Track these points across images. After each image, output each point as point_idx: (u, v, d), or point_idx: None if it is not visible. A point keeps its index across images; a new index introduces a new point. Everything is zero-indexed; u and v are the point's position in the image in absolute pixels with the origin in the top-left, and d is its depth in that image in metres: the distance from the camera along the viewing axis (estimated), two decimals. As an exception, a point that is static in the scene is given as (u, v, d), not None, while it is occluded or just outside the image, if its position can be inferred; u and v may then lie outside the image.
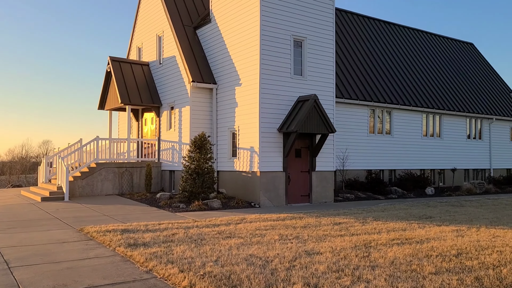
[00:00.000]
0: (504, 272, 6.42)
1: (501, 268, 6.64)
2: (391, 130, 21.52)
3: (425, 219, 11.96)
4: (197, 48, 18.01)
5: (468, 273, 6.37)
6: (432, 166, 23.15)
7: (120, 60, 19.40)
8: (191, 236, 9.12)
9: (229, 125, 16.42)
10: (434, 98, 23.62)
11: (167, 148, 18.47)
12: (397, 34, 26.44)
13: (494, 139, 26.48)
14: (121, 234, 9.20)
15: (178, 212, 13.00)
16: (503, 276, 6.24)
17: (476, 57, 31.00)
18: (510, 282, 5.98)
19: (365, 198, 17.79)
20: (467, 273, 6.35)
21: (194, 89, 17.01)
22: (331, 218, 11.78)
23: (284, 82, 15.46)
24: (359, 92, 20.30)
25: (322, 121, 15.40)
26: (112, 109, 20.37)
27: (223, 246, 8.18)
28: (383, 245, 8.32)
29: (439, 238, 8.99)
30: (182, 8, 19.14)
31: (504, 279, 6.10)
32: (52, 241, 8.80)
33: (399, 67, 23.84)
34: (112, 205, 14.40)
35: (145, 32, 20.80)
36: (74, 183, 16.71)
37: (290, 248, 8.01)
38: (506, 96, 28.99)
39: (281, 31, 15.43)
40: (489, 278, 6.12)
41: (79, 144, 18.51)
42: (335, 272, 6.37)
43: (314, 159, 16.14)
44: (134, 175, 18.06)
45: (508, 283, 5.91)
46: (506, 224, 11.12)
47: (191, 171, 14.67)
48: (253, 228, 10.16)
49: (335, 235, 9.31)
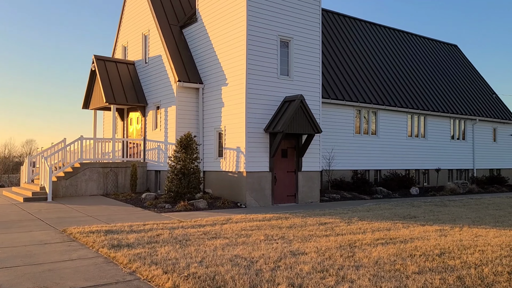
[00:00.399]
0: (486, 271, 6.50)
1: (483, 267, 6.73)
2: (376, 131, 21.70)
3: (409, 218, 12.07)
4: (183, 48, 17.91)
5: (451, 272, 6.45)
6: (416, 166, 23.41)
7: (105, 58, 19.18)
8: (176, 236, 9.06)
9: (216, 125, 16.36)
10: (419, 99, 23.88)
11: (153, 148, 18.33)
12: (382, 35, 26.67)
13: (477, 140, 26.89)
14: (105, 235, 9.09)
15: (163, 213, 12.91)
16: (485, 275, 6.32)
17: (460, 59, 31.45)
18: (491, 281, 6.06)
19: (351, 198, 17.90)
20: (449, 273, 6.42)
21: (180, 89, 16.91)
22: (317, 218, 11.81)
23: (271, 82, 15.46)
24: (345, 92, 20.42)
25: (308, 121, 15.44)
26: (97, 108, 20.13)
27: (208, 246, 8.14)
28: (367, 245, 8.37)
29: (423, 238, 9.08)
30: (168, 7, 19.01)
31: (485, 278, 6.18)
32: (33, 242, 8.65)
33: (384, 68, 24.06)
34: (96, 206, 14.22)
35: (131, 31, 20.60)
36: (57, 183, 16.46)
37: (276, 248, 8.01)
38: (489, 98, 29.47)
39: (268, 31, 15.43)
40: (471, 277, 6.20)
41: (62, 144, 18.26)
42: (320, 272, 6.38)
43: (300, 159, 16.18)
44: (119, 175, 17.88)
45: (489, 282, 5.99)
46: (488, 223, 11.29)
47: (177, 171, 14.58)
48: (239, 228, 10.14)
49: (320, 235, 9.34)
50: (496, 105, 29.23)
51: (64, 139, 18.56)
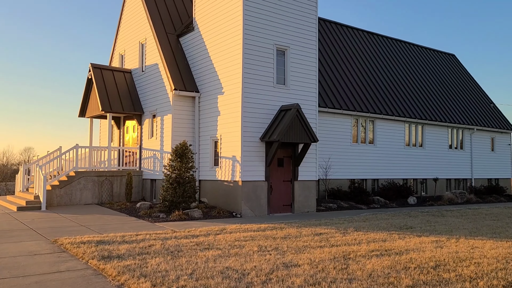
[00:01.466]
0: (481, 284, 6.38)
1: (478, 280, 6.61)
2: (374, 140, 21.62)
3: (405, 229, 11.95)
4: (180, 56, 17.89)
5: (445, 285, 6.32)
6: (414, 176, 23.30)
7: (101, 67, 19.15)
8: (168, 247, 8.92)
9: (211, 133, 16.28)
10: (417, 108, 23.85)
11: (148, 157, 18.22)
12: (380, 44, 26.71)
13: (475, 149, 26.82)
14: (96, 245, 8.95)
15: (157, 222, 12.77)
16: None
17: (458, 68, 31.49)
18: (486, 295, 5.93)
19: (347, 207, 17.77)
20: (443, 286, 6.29)
21: (176, 97, 16.85)
22: (312, 229, 11.68)
23: (267, 91, 15.41)
24: (342, 101, 20.38)
25: (305, 130, 15.36)
26: (93, 116, 20.06)
27: (200, 258, 8.01)
28: (362, 256, 8.24)
29: (418, 250, 8.96)
30: (165, 16, 19.02)
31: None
32: (23, 253, 8.51)
33: (382, 77, 24.05)
34: (90, 215, 14.08)
35: (128, 40, 20.60)
36: (52, 192, 16.33)
37: (268, 260, 7.88)
38: (487, 107, 29.46)
39: (264, 40, 15.42)
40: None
41: (58, 152, 18.14)
42: (312, 286, 6.25)
43: (296, 169, 16.08)
44: (114, 184, 17.75)
45: (484, 296, 5.87)
46: (485, 234, 11.16)
47: (172, 180, 14.46)
48: (233, 239, 10.00)
49: (314, 246, 9.21)
50: (494, 114, 29.21)
51: (60, 147, 18.45)
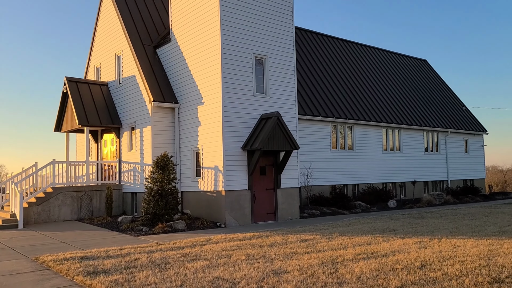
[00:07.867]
0: (467, 282, 6.53)
1: (464, 278, 6.76)
2: (353, 145, 21.93)
3: (389, 232, 12.12)
4: (158, 68, 17.80)
5: (433, 285, 6.44)
6: (393, 180, 23.71)
7: (77, 80, 18.85)
8: (155, 260, 8.80)
9: (193, 144, 16.20)
10: (393, 113, 24.36)
11: (128, 170, 17.96)
12: (355, 52, 27.24)
13: (450, 151, 27.52)
14: (80, 261, 8.75)
15: (141, 236, 12.57)
16: (466, 286, 6.34)
17: (430, 73, 32.38)
18: (473, 291, 6.08)
19: (330, 213, 17.91)
20: (431, 285, 6.41)
21: (156, 109, 16.73)
22: (298, 235, 11.72)
23: (247, 100, 15.48)
24: (321, 108, 20.64)
25: (286, 138, 15.47)
26: (69, 131, 19.68)
27: (189, 269, 7.93)
28: (349, 260, 8.32)
29: (403, 251, 9.10)
30: (141, 27, 18.93)
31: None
32: (3, 272, 8.23)
33: (358, 83, 24.50)
34: (70, 231, 13.75)
35: (103, 52, 20.37)
36: (29, 209, 15.88)
37: (257, 268, 7.86)
38: (459, 110, 30.34)
39: (242, 50, 15.52)
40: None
41: (34, 169, 17.70)
42: (303, 291, 6.27)
43: (279, 176, 16.14)
44: (94, 199, 17.41)
45: (471, 293, 6.01)
46: (465, 233, 11.44)
47: (154, 193, 14.29)
48: (219, 249, 9.94)
49: (302, 253, 9.24)
50: (466, 117, 30.09)
51: (36, 163, 18.02)
